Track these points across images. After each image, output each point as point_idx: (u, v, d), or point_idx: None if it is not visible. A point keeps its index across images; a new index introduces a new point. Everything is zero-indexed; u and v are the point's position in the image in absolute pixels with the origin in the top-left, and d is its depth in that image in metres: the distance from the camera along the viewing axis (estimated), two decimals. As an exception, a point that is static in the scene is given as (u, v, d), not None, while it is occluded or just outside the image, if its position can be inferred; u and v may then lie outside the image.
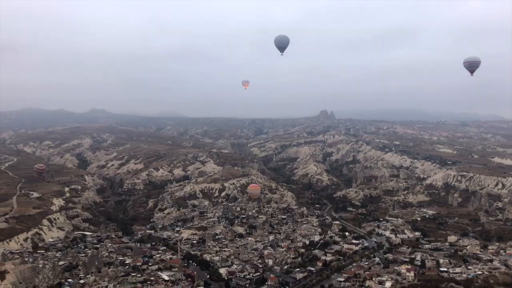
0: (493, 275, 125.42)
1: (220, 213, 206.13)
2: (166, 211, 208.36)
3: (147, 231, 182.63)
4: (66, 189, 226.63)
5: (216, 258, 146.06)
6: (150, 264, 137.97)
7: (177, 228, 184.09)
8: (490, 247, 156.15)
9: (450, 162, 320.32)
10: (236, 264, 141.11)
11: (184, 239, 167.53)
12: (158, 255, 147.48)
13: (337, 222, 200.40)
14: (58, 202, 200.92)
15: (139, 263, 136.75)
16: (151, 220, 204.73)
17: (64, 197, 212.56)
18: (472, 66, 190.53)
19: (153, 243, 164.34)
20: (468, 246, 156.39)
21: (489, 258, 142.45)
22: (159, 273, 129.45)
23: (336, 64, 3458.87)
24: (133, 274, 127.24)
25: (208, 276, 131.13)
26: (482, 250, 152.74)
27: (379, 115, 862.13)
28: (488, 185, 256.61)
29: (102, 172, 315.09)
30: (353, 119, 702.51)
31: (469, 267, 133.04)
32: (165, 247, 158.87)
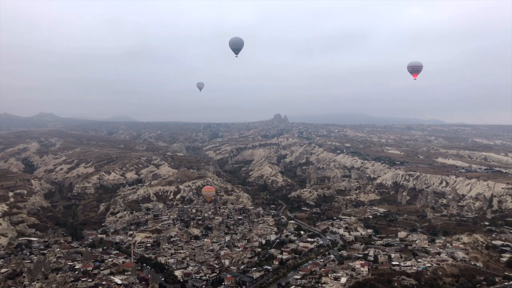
0: (441, 267, 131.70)
1: (175, 216, 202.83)
2: (118, 215, 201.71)
3: (99, 235, 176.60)
4: (10, 194, 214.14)
5: (171, 260, 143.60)
6: (101, 268, 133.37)
7: (130, 232, 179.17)
8: (437, 241, 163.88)
9: (398, 163, 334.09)
10: (192, 266, 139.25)
11: (138, 243, 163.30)
12: (110, 259, 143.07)
13: (292, 221, 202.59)
14: (0, 207, 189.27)
15: (90, 268, 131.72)
16: (103, 224, 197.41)
17: (8, 202, 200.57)
18: (415, 70, 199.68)
19: (104, 247, 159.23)
20: (417, 241, 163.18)
21: (436, 251, 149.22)
22: (111, 277, 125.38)
23: (289, 68, 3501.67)
24: (83, 279, 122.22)
25: (163, 279, 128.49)
26: (430, 244, 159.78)
27: (330, 119, 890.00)
28: (433, 183, 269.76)
29: (50, 177, 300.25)
30: (306, 122, 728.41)
31: (419, 260, 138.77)
32: (117, 251, 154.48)
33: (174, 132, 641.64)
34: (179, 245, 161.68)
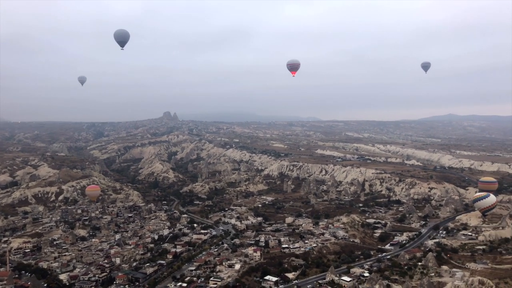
0: (325, 246, 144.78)
1: (58, 217, 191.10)
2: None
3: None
4: None
5: (55, 264, 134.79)
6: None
7: (5, 238, 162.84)
8: (320, 223, 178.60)
9: (283, 155, 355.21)
10: (79, 268, 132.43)
11: (15, 249, 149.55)
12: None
13: (185, 215, 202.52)
14: None
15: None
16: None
17: None
18: (293, 68, 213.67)
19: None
20: (303, 224, 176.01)
21: (320, 232, 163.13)
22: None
23: (176, 64, 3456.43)
24: None
25: (45, 285, 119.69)
26: (314, 226, 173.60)
27: (219, 117, 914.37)
28: (315, 172, 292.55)
29: None
30: (196, 120, 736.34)
31: (306, 242, 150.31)
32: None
33: (54, 132, 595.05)
34: (63, 247, 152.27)
